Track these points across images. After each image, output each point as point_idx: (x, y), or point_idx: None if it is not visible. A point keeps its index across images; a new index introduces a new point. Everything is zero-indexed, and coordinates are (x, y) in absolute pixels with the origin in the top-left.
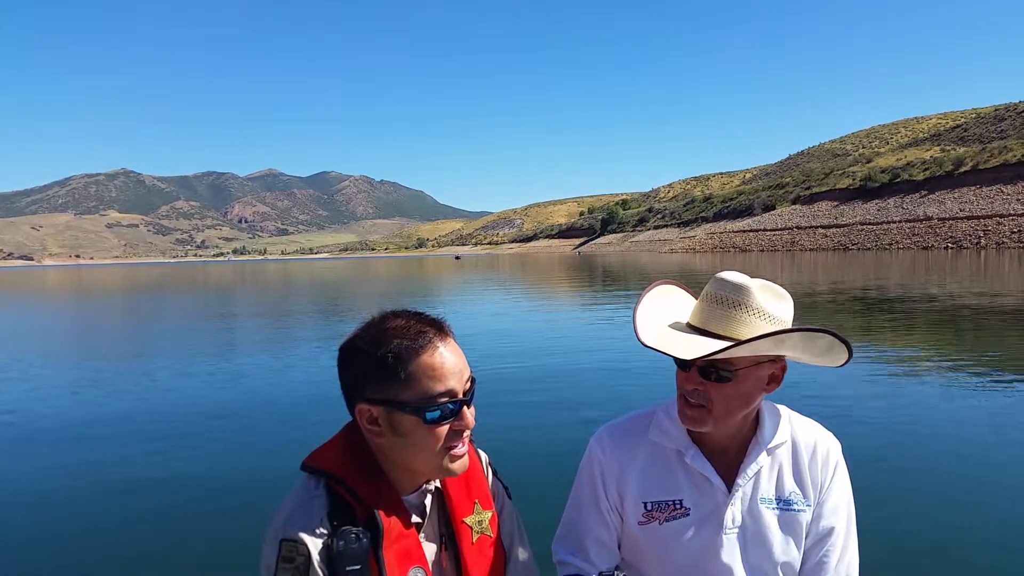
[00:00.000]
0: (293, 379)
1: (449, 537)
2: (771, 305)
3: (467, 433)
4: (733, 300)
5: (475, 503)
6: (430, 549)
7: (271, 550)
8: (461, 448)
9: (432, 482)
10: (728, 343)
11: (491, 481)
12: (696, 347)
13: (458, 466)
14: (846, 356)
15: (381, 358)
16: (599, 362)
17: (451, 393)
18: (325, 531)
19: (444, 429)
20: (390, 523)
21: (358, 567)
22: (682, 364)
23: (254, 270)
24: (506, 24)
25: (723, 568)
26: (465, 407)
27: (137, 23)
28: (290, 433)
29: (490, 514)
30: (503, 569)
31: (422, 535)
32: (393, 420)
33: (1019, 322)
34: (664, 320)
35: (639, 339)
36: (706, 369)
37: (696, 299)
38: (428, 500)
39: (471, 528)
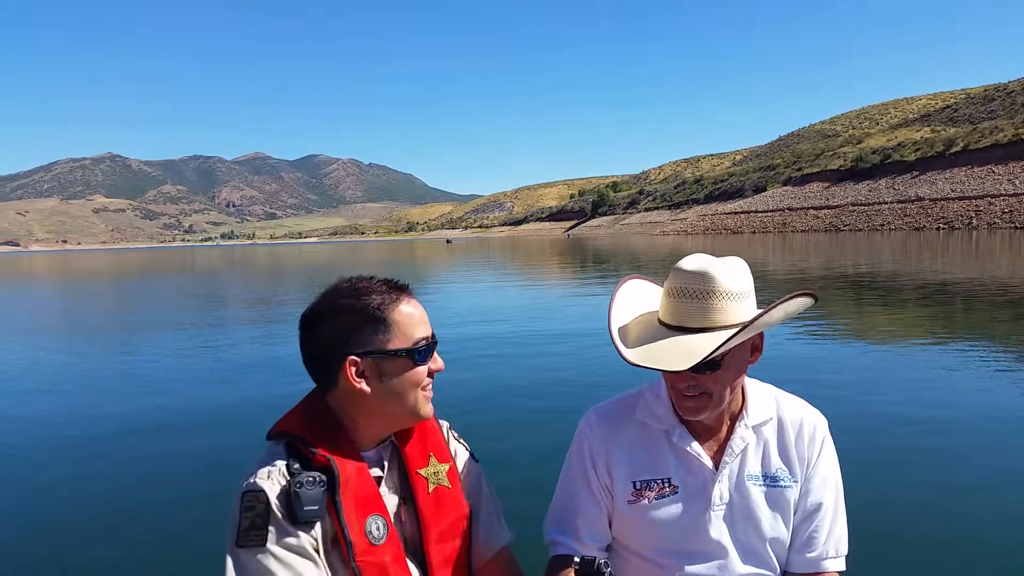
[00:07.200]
0: (280, 364)
1: (406, 490)
2: (735, 282)
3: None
4: (700, 290)
5: (430, 455)
6: (391, 501)
7: (236, 506)
8: (430, 390)
9: (389, 438)
10: (722, 334)
11: (451, 442)
12: (688, 354)
13: (430, 408)
14: (811, 305)
15: (367, 311)
16: (589, 344)
17: (427, 337)
18: (284, 478)
19: (425, 369)
20: (347, 471)
21: (316, 507)
22: None
23: (242, 255)
24: (493, 5)
25: (712, 544)
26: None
27: (121, 5)
28: (269, 415)
29: (447, 467)
30: (464, 520)
31: (384, 488)
32: (382, 368)
33: (1009, 301)
34: (639, 328)
35: (625, 360)
36: (695, 364)
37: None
38: (386, 455)
39: (427, 479)
